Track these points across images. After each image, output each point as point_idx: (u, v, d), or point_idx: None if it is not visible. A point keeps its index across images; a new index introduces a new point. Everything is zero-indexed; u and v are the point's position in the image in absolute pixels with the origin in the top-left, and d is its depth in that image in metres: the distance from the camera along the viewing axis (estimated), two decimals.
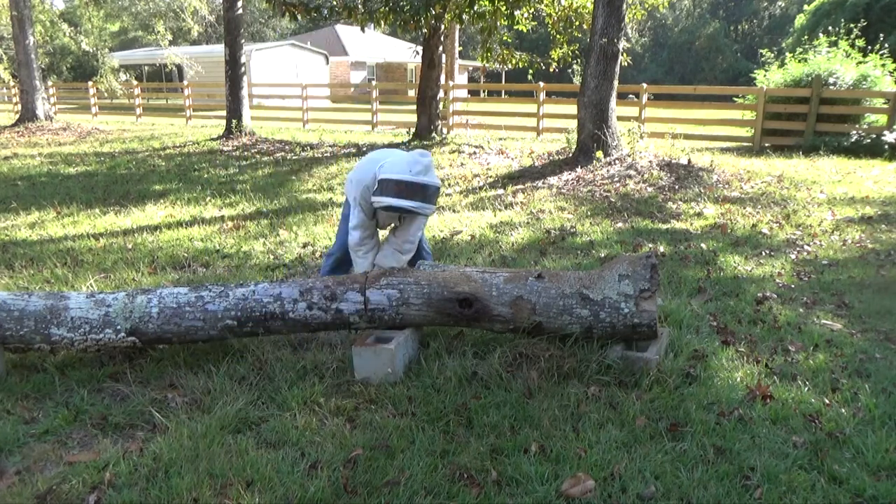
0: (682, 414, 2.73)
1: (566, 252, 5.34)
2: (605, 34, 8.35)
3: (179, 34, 26.27)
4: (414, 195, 3.20)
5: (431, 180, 3.27)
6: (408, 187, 3.19)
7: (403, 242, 3.56)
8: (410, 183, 3.20)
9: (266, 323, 3.14)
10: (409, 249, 3.57)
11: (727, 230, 5.99)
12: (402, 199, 3.20)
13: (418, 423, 2.67)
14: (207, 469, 2.36)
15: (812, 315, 3.97)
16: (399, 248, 3.56)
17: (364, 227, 3.54)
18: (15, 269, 4.91)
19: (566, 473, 2.34)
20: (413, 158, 3.30)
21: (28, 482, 2.34)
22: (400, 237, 3.58)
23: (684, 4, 47.79)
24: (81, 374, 3.14)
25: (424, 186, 3.22)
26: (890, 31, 18.76)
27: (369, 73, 36.95)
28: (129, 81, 19.78)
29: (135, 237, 5.93)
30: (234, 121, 13.71)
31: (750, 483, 2.30)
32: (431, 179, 3.27)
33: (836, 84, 10.98)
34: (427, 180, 3.24)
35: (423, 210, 3.26)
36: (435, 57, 11.63)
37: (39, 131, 15.70)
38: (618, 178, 8.10)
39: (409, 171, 3.23)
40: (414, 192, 3.20)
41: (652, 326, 3.01)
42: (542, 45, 27.98)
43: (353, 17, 10.26)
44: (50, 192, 8.30)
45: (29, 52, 16.34)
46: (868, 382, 3.04)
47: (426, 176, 3.25)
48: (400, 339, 3.11)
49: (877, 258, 5.20)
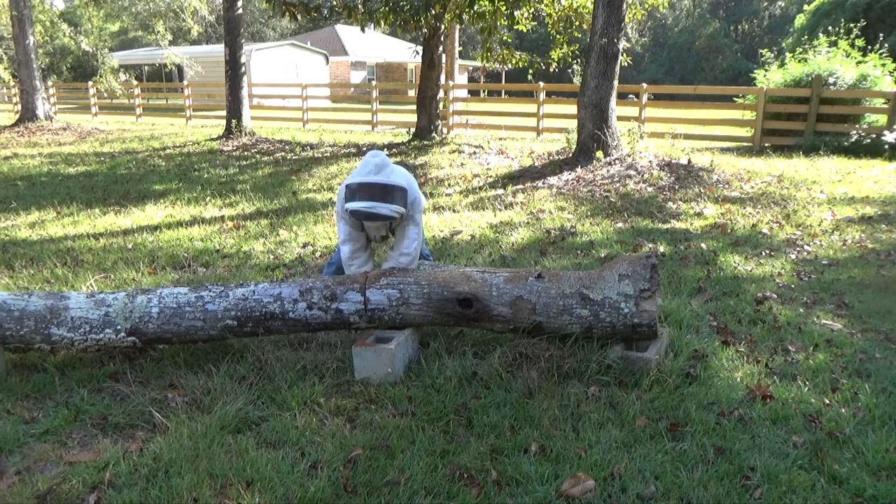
0: (682, 414, 2.73)
1: (566, 252, 5.34)
2: (605, 34, 8.35)
3: (179, 34, 26.28)
4: (365, 195, 3.21)
5: (383, 178, 3.25)
6: (360, 188, 3.22)
7: (399, 255, 3.49)
8: (361, 184, 3.23)
9: (266, 323, 3.14)
10: (406, 263, 3.46)
11: (727, 230, 5.99)
12: (356, 202, 3.21)
13: (418, 423, 2.67)
14: (207, 469, 2.36)
15: (812, 315, 3.97)
16: (395, 261, 3.48)
17: (352, 240, 3.52)
18: (15, 269, 4.91)
19: (566, 473, 2.34)
20: (364, 161, 3.33)
21: (28, 482, 2.34)
22: (395, 250, 3.53)
23: (684, 4, 47.80)
24: (81, 374, 3.14)
25: (371, 185, 3.22)
26: (890, 31, 18.77)
27: (369, 73, 36.95)
28: (128, 81, 19.78)
29: (135, 237, 5.93)
30: (234, 121, 13.71)
31: (750, 483, 2.30)
32: (383, 178, 3.25)
33: (836, 84, 10.98)
34: (378, 179, 3.24)
35: (375, 209, 3.20)
36: (435, 57, 11.63)
37: (39, 131, 15.70)
38: (618, 178, 8.10)
39: (360, 172, 3.28)
40: (365, 191, 3.21)
41: (652, 326, 3.01)
42: (542, 45, 27.99)
43: (353, 17, 10.26)
44: (50, 192, 8.30)
45: (29, 52, 16.34)
46: (868, 382, 3.04)
47: (378, 175, 3.25)
48: (400, 339, 3.11)
49: (877, 258, 5.20)
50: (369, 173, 3.26)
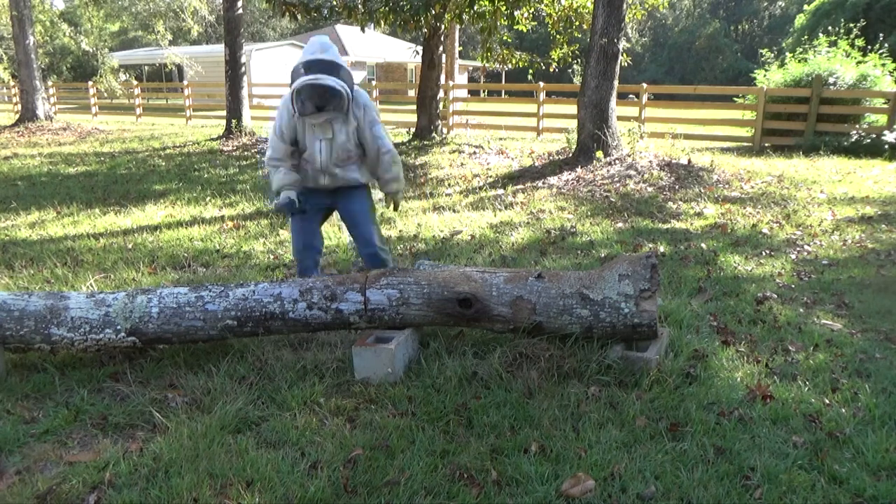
0: (682, 414, 2.73)
1: (566, 252, 5.34)
2: (605, 34, 8.35)
3: (179, 34, 26.28)
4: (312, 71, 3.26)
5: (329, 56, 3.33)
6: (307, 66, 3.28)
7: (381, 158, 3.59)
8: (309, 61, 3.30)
9: (266, 323, 3.14)
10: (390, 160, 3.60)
11: (727, 230, 5.99)
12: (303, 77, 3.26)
13: (418, 423, 2.67)
14: (207, 469, 2.36)
15: (812, 315, 3.97)
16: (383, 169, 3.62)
17: (275, 148, 3.56)
18: (15, 269, 4.91)
19: (566, 473, 2.34)
20: (309, 42, 3.44)
21: (28, 482, 2.34)
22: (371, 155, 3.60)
23: (684, 4, 47.80)
24: (81, 374, 3.13)
25: (318, 62, 3.29)
26: (890, 31, 18.77)
27: (369, 73, 36.94)
28: (128, 81, 19.79)
29: (135, 237, 5.93)
30: (234, 121, 13.71)
31: (750, 483, 2.30)
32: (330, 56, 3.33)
33: (836, 84, 10.98)
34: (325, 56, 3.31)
35: (320, 80, 3.25)
36: (435, 57, 11.63)
37: (39, 131, 15.70)
38: (618, 178, 8.10)
39: (305, 53, 3.37)
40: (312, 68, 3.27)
41: (652, 326, 3.01)
42: (542, 45, 27.96)
43: (353, 17, 10.26)
44: (50, 192, 8.30)
45: (29, 52, 16.34)
46: (868, 382, 3.04)
47: (323, 54, 3.33)
48: (400, 339, 3.11)
49: (877, 258, 5.20)
50: (314, 53, 3.35)
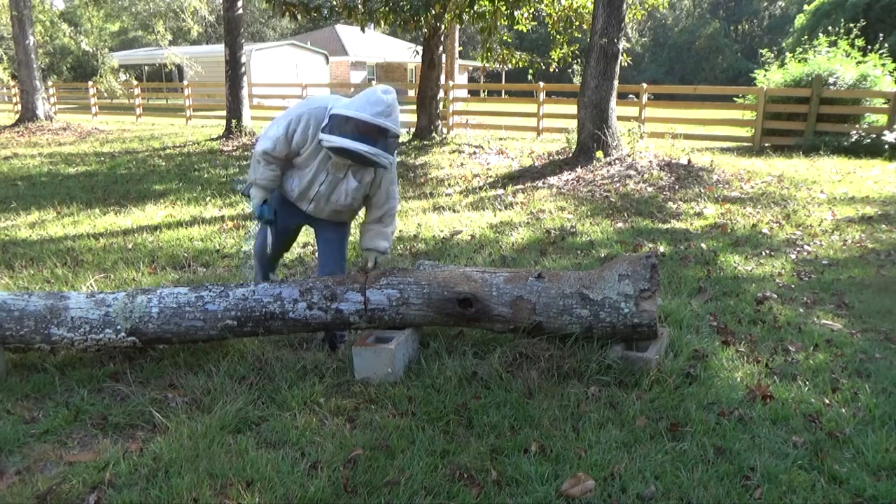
0: (682, 414, 2.73)
1: (566, 252, 5.34)
2: (605, 34, 8.35)
3: (179, 34, 26.28)
4: (369, 138, 2.78)
5: (393, 125, 2.87)
6: (365, 128, 2.78)
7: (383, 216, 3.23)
8: (368, 123, 2.78)
9: (266, 323, 3.14)
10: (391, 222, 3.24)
11: (727, 230, 5.99)
12: (358, 143, 2.78)
13: (418, 423, 2.67)
14: (207, 469, 2.36)
15: (812, 315, 3.97)
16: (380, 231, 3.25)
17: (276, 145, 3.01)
18: (15, 269, 4.91)
19: (566, 473, 2.34)
20: (375, 97, 2.85)
21: (28, 482, 2.34)
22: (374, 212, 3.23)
23: (684, 4, 47.79)
24: (81, 374, 3.13)
25: (384, 130, 2.82)
26: (890, 31, 18.76)
27: (369, 73, 36.93)
28: (128, 81, 19.77)
29: (135, 237, 5.93)
30: (234, 121, 13.70)
31: (750, 483, 2.30)
32: (393, 124, 2.88)
33: (836, 84, 10.97)
34: (388, 124, 2.84)
35: (380, 158, 2.82)
36: (435, 57, 11.63)
37: (39, 131, 15.70)
38: (618, 178, 8.09)
39: (365, 107, 2.82)
40: (370, 134, 2.78)
41: (652, 326, 3.01)
42: (542, 45, 27.96)
43: (353, 17, 10.26)
44: (50, 192, 8.30)
45: (29, 52, 16.34)
46: (868, 382, 3.04)
47: (388, 119, 2.84)
48: (400, 339, 3.11)
49: (877, 258, 5.20)
50: (379, 115, 2.81)
